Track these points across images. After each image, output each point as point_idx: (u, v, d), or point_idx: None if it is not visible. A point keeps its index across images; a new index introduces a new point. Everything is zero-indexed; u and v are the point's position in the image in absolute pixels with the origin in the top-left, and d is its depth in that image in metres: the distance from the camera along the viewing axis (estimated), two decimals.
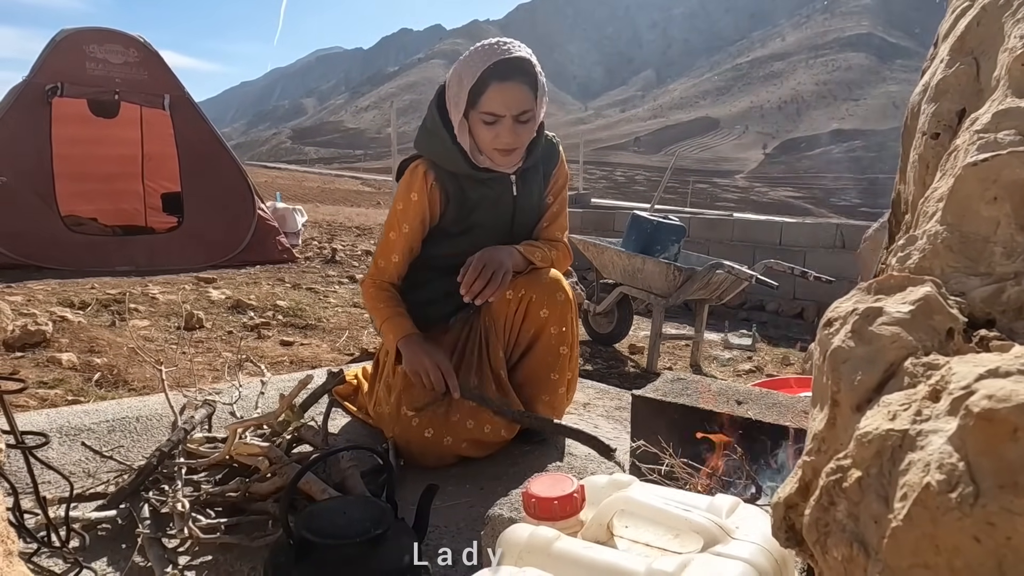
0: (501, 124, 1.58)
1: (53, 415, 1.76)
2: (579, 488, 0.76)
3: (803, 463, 0.42)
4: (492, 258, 1.63)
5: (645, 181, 69.65)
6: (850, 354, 0.39)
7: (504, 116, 1.57)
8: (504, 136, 1.59)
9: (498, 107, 1.57)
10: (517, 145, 1.63)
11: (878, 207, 25.49)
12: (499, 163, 1.66)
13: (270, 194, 7.85)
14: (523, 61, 1.57)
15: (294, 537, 0.96)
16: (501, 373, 1.69)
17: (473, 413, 1.64)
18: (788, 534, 0.44)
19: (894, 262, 0.45)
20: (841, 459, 0.36)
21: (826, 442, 0.39)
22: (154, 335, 3.31)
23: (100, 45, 5.50)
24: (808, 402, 1.46)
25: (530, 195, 1.77)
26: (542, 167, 1.79)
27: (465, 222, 1.73)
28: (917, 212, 0.51)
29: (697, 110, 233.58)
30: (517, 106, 1.57)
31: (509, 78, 1.56)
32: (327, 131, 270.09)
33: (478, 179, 1.69)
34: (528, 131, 1.63)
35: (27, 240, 4.84)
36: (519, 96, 1.57)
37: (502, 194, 1.73)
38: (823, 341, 0.43)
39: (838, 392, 0.39)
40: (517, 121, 1.59)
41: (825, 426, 0.40)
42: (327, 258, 6.31)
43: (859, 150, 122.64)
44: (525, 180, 1.75)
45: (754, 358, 4.16)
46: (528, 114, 1.60)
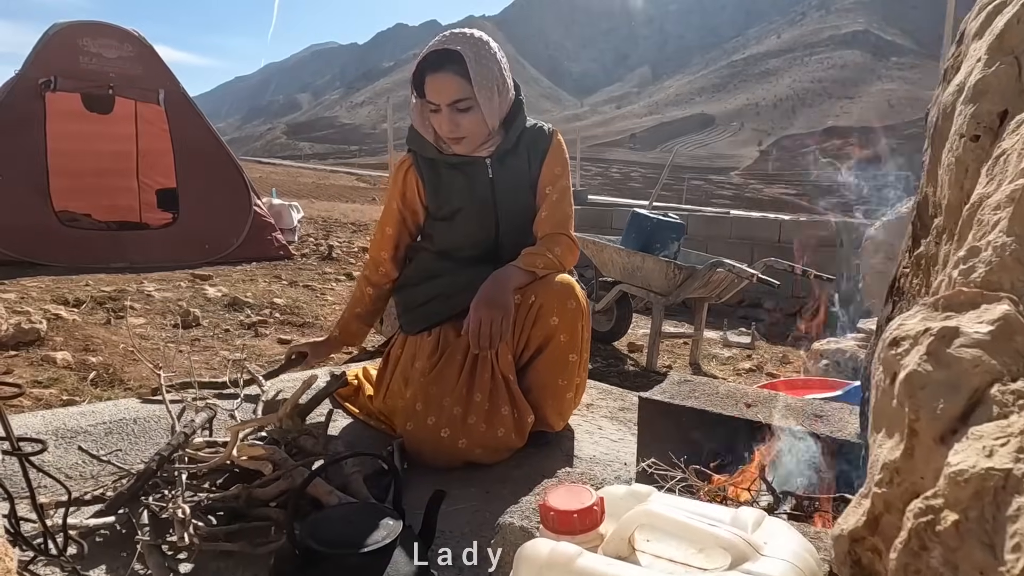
0: (441, 113, 1.66)
1: (49, 417, 1.72)
2: (599, 500, 0.73)
3: (873, 495, 0.39)
4: (488, 309, 1.59)
5: (641, 178, 69.64)
6: (928, 379, 0.36)
7: (440, 106, 1.65)
8: (443, 124, 1.67)
9: (433, 96, 1.65)
10: (460, 133, 1.68)
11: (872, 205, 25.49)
12: (455, 149, 1.73)
13: (265, 190, 7.79)
14: (452, 53, 1.61)
15: (299, 546, 0.94)
16: (510, 377, 1.67)
17: (487, 416, 1.62)
18: (853, 570, 0.41)
19: (956, 275, 0.42)
20: (931, 498, 0.33)
21: (901, 474, 0.37)
22: (150, 333, 3.27)
23: (94, 39, 5.44)
24: (819, 405, 1.44)
25: (511, 178, 1.78)
26: (527, 151, 1.79)
27: (446, 207, 1.78)
28: (961, 219, 0.49)
29: (693, 107, 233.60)
30: (448, 95, 1.63)
31: (439, 68, 1.63)
32: (322, 127, 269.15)
33: (450, 163, 1.76)
34: (471, 119, 1.67)
35: (20, 236, 4.78)
36: (450, 85, 1.63)
37: (476, 177, 1.76)
38: (890, 362, 0.40)
39: (917, 421, 0.36)
40: (455, 110, 1.65)
41: (901, 456, 0.37)
42: (324, 255, 6.26)
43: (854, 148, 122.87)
44: (503, 163, 1.77)
45: (753, 356, 4.15)
46: (466, 102, 1.64)
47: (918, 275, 0.77)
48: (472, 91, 1.63)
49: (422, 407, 1.62)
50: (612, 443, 1.83)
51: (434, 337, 1.75)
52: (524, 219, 1.80)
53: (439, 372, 1.68)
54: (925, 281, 0.71)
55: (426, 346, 1.74)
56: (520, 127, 1.77)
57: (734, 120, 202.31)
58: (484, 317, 1.58)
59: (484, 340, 1.57)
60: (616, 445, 1.81)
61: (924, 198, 0.78)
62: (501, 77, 1.68)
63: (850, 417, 1.36)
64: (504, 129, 1.76)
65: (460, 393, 1.64)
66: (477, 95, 1.63)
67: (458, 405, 1.62)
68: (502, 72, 1.70)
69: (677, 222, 4.04)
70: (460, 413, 1.61)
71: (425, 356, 1.72)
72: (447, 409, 1.61)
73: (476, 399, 1.64)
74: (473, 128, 1.68)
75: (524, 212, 1.80)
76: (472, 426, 1.61)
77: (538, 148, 1.80)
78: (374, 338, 3.32)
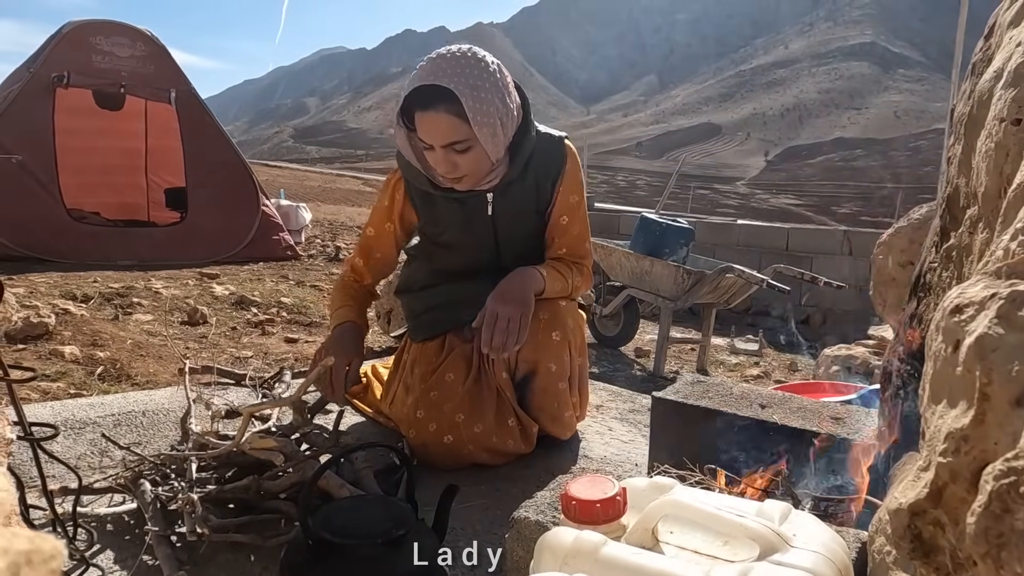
0: (435, 152, 1.45)
1: (58, 408, 1.72)
2: (621, 490, 0.72)
3: (937, 465, 0.38)
4: (505, 302, 1.49)
5: (646, 186, 69.69)
6: (1000, 342, 0.35)
7: (433, 146, 1.44)
8: (439, 165, 1.47)
9: (425, 136, 1.44)
10: (459, 173, 1.48)
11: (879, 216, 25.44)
12: (454, 187, 1.53)
13: (272, 192, 7.81)
14: (441, 89, 1.38)
15: (312, 537, 0.92)
16: (508, 395, 1.63)
17: (495, 428, 1.59)
18: (914, 543, 0.40)
19: (1016, 247, 0.41)
20: (1012, 460, 0.32)
21: (970, 441, 0.36)
22: (157, 330, 3.27)
23: (107, 37, 5.47)
24: (836, 408, 1.42)
25: (514, 209, 1.61)
26: (535, 176, 1.60)
27: (444, 236, 1.65)
28: (1007, 200, 0.47)
29: (699, 116, 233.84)
30: (442, 137, 1.42)
31: (430, 107, 1.40)
32: (329, 130, 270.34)
33: (448, 198, 1.58)
34: (473, 159, 1.46)
35: (30, 231, 4.80)
36: (441, 126, 1.41)
37: (475, 213, 1.60)
38: (952, 329, 0.39)
39: (989, 384, 0.35)
40: (452, 151, 1.44)
41: (970, 424, 0.36)
42: (330, 256, 6.27)
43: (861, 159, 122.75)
44: (507, 195, 1.59)
45: (761, 363, 4.13)
46: (463, 144, 1.43)
47: (948, 268, 0.76)
48: (471, 131, 1.41)
49: (423, 414, 1.58)
50: (623, 444, 1.81)
51: (437, 344, 1.70)
52: (529, 243, 1.69)
53: (439, 377, 1.63)
54: (957, 272, 0.70)
55: (428, 353, 1.69)
56: (528, 151, 1.56)
57: (740, 130, 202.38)
58: (501, 312, 1.47)
59: (499, 337, 1.45)
60: (627, 446, 1.80)
61: (955, 190, 0.77)
62: (504, 106, 1.46)
63: (867, 420, 1.34)
64: (510, 154, 1.55)
65: (463, 400, 1.59)
66: (477, 134, 1.42)
67: (460, 412, 1.57)
68: (505, 99, 1.46)
69: (686, 227, 4.02)
70: (463, 420, 1.57)
71: (426, 362, 1.67)
72: (448, 415, 1.57)
73: (481, 409, 1.59)
74: (473, 166, 1.48)
75: (529, 237, 1.69)
76: (479, 435, 1.57)
77: (549, 173, 1.62)
78: (381, 338, 3.31)
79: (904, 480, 0.44)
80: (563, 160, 1.63)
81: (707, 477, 1.20)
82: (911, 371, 0.93)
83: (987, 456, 0.35)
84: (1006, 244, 0.42)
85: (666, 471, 1.29)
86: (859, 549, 0.82)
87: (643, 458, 1.61)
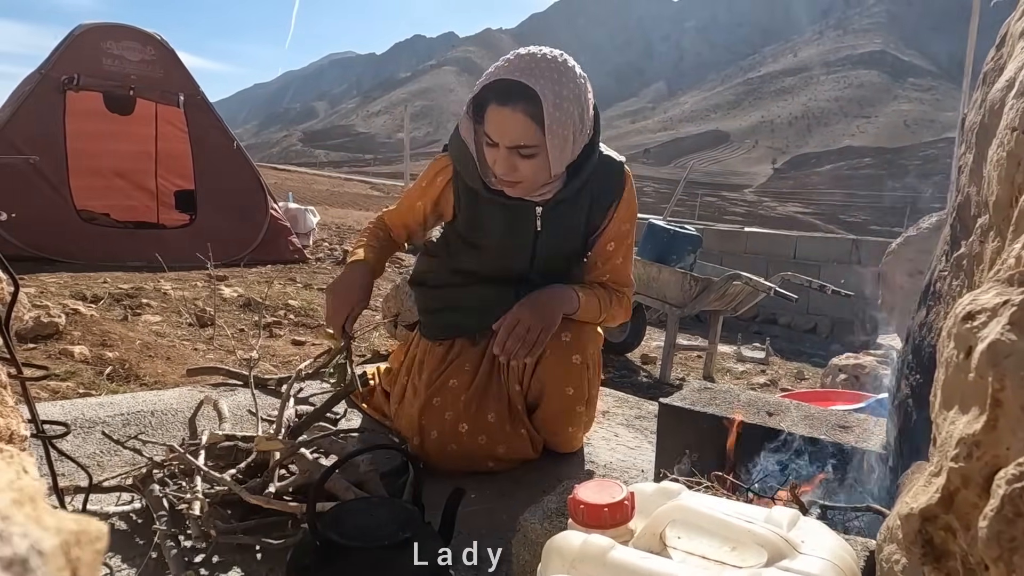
0: (498, 150, 1.41)
1: (68, 407, 1.73)
2: (629, 495, 0.72)
3: (948, 470, 0.38)
4: (532, 313, 1.46)
5: (654, 193, 69.62)
6: (1013, 348, 0.36)
7: (497, 144, 1.40)
8: (499, 165, 1.42)
9: (493, 132, 1.40)
10: (515, 179, 1.43)
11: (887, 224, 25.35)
12: (505, 191, 1.49)
13: (281, 195, 7.85)
14: (525, 88, 1.33)
15: (320, 538, 0.93)
16: (518, 407, 1.62)
17: (504, 438, 1.58)
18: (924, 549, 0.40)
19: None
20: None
21: (981, 447, 0.36)
22: (166, 331, 3.29)
23: (117, 41, 5.52)
24: (843, 416, 1.42)
25: (560, 228, 1.56)
26: (591, 198, 1.55)
27: (474, 236, 1.60)
28: (1019, 209, 0.48)
29: (707, 123, 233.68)
30: (511, 137, 1.38)
31: (507, 103, 1.36)
32: (338, 135, 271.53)
33: (495, 201, 1.52)
34: (534, 167, 1.42)
35: (40, 232, 4.83)
36: (515, 126, 1.37)
37: (520, 224, 1.55)
38: (964, 336, 0.39)
39: (1002, 390, 0.35)
40: (516, 153, 1.40)
41: (982, 429, 0.36)
42: (338, 259, 6.29)
43: (869, 168, 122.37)
44: (557, 214, 1.54)
45: (767, 371, 4.12)
46: (530, 149, 1.39)
47: (958, 276, 0.76)
48: (542, 138, 1.37)
49: (426, 421, 1.57)
50: (629, 450, 1.81)
51: (444, 348, 1.67)
52: (566, 262, 1.64)
53: (443, 382, 1.61)
54: (968, 281, 0.70)
55: (436, 356, 1.66)
56: (587, 176, 1.51)
57: (748, 137, 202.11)
58: (524, 319, 1.44)
59: (512, 342, 1.42)
60: (633, 452, 1.80)
61: (966, 199, 0.77)
62: (580, 122, 1.41)
63: (875, 428, 1.33)
64: (568, 172, 1.51)
65: (466, 409, 1.56)
66: (548, 144, 1.38)
67: (464, 422, 1.55)
68: (583, 114, 1.42)
69: (694, 234, 4.02)
70: (467, 430, 1.55)
71: (432, 366, 1.64)
72: (450, 424, 1.55)
73: (489, 419, 1.57)
74: (532, 175, 1.44)
75: (568, 257, 1.64)
76: (483, 445, 1.56)
77: (603, 199, 1.57)
78: (388, 342, 3.32)
79: (915, 486, 0.44)
80: (621, 186, 1.59)
81: (714, 484, 1.20)
82: (920, 380, 0.93)
83: (999, 461, 0.35)
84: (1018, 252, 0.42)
85: (671, 475, 1.29)
86: (867, 558, 0.82)
87: (649, 464, 1.61)
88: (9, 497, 0.22)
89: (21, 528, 0.21)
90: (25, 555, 0.21)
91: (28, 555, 0.21)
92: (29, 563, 0.21)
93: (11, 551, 0.20)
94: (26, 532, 0.21)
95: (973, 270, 0.70)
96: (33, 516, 0.22)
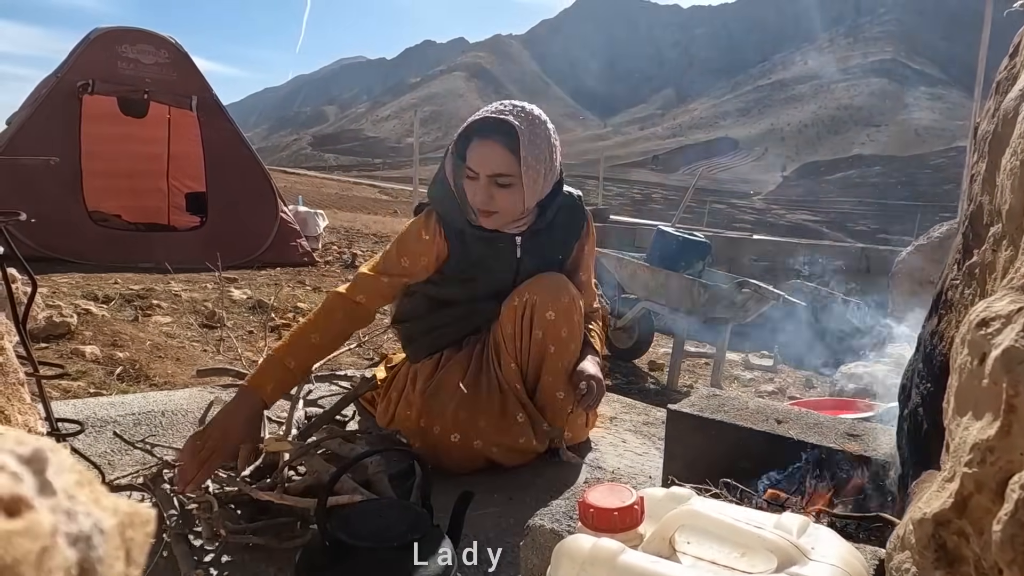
0: (477, 182, 1.56)
1: (79, 406, 1.74)
2: (639, 499, 0.72)
3: (962, 475, 0.38)
4: (598, 376, 1.66)
5: (662, 199, 69.57)
6: None
7: (479, 175, 1.55)
8: (478, 194, 1.57)
9: (474, 163, 1.56)
10: (492, 208, 1.58)
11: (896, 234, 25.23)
12: (482, 222, 1.62)
13: (290, 199, 7.89)
14: (506, 124, 1.53)
15: (329, 539, 0.93)
16: (517, 386, 1.65)
17: (503, 422, 1.61)
18: (938, 554, 0.40)
19: None
20: None
21: (995, 452, 0.36)
22: (176, 332, 3.31)
23: (132, 45, 5.57)
24: (852, 424, 1.41)
25: (540, 254, 1.72)
26: (562, 234, 1.75)
27: (466, 273, 1.72)
28: None
29: (716, 130, 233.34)
30: (490, 166, 1.54)
31: (488, 136, 1.54)
32: (347, 139, 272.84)
33: (479, 236, 1.67)
34: (509, 197, 1.58)
35: (54, 233, 4.88)
36: (495, 156, 1.54)
37: (502, 253, 1.70)
38: (978, 343, 0.40)
39: (1016, 396, 0.35)
40: (494, 183, 1.56)
41: (996, 435, 0.36)
42: (347, 263, 6.32)
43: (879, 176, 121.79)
44: (535, 243, 1.71)
45: (776, 379, 4.10)
46: (507, 179, 1.55)
47: (970, 285, 0.76)
48: (518, 168, 1.54)
49: (425, 422, 1.61)
50: (636, 456, 1.81)
51: (434, 360, 1.74)
52: None
53: (437, 385, 1.66)
54: (980, 290, 0.70)
55: (426, 368, 1.73)
56: (556, 208, 1.71)
57: (758, 145, 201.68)
58: (595, 382, 1.63)
59: (592, 399, 1.61)
60: (640, 459, 1.80)
61: (978, 208, 0.77)
62: (550, 160, 1.60)
63: (884, 437, 1.33)
64: (539, 208, 1.69)
65: (464, 397, 1.61)
66: (523, 175, 1.55)
67: (462, 409, 1.60)
68: (552, 156, 1.61)
69: (703, 241, 4.02)
70: (466, 417, 1.59)
71: (424, 377, 1.71)
72: (450, 414, 1.59)
73: (483, 404, 1.62)
74: (507, 205, 1.59)
75: None
76: (484, 429, 1.60)
77: (572, 229, 1.77)
78: (395, 344, 3.33)
79: (928, 491, 0.44)
80: (585, 218, 1.80)
81: (722, 491, 1.20)
82: (931, 389, 0.93)
83: (1013, 467, 0.35)
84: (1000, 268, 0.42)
85: (677, 481, 1.29)
86: (876, 566, 0.82)
87: (657, 471, 1.61)
88: (73, 478, 0.23)
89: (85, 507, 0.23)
90: (89, 532, 0.22)
91: (91, 533, 0.22)
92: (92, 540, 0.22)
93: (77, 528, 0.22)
94: (89, 511, 0.23)
95: (986, 278, 0.70)
96: (92, 497, 0.23)
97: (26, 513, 0.21)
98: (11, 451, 0.22)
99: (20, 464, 0.22)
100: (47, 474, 0.23)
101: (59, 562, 0.21)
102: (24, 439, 0.23)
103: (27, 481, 0.22)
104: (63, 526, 0.22)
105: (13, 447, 0.23)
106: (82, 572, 0.22)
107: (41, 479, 0.22)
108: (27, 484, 0.22)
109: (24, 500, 0.21)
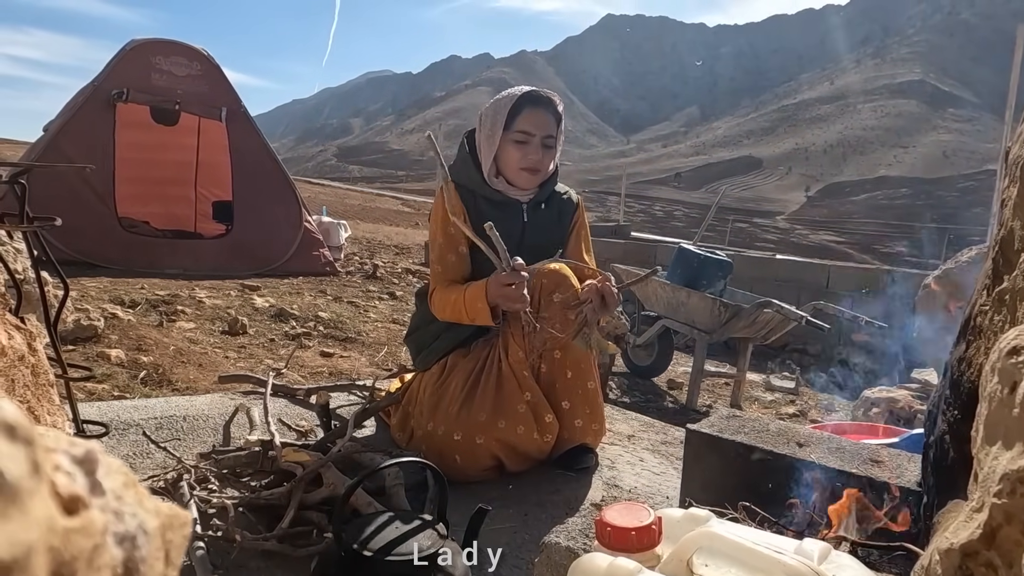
0: (531, 144, 1.79)
1: (104, 408, 1.77)
2: (656, 519, 0.72)
3: (991, 506, 0.38)
4: None
5: (684, 217, 69.25)
6: None
7: (535, 136, 1.79)
8: (532, 154, 1.80)
9: (531, 126, 1.79)
10: (541, 167, 1.82)
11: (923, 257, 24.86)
12: (523, 183, 1.84)
13: (315, 209, 7.99)
14: (547, 97, 1.83)
15: (346, 549, 0.94)
16: (525, 373, 1.69)
17: (501, 411, 1.64)
18: None
19: None
20: None
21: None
22: (199, 338, 3.35)
23: (166, 57, 5.71)
24: (875, 450, 1.39)
25: (542, 225, 1.90)
26: (557, 211, 1.93)
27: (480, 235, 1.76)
28: None
29: (740, 149, 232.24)
30: (545, 129, 1.80)
31: (541, 104, 1.81)
32: (372, 151, 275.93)
33: (492, 200, 1.85)
34: (550, 157, 1.84)
35: (84, 237, 4.98)
36: (548, 120, 1.81)
37: (512, 217, 1.86)
38: (1009, 371, 0.39)
39: None
40: (544, 144, 1.81)
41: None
42: (368, 273, 6.36)
43: (905, 198, 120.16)
44: (536, 213, 1.89)
45: (797, 401, 4.04)
46: (551, 139, 1.82)
47: (1000, 311, 0.75)
48: (557, 132, 1.83)
49: (432, 425, 1.67)
50: (654, 475, 1.79)
51: (439, 366, 1.80)
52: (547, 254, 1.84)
53: (443, 388, 1.73)
54: (1010, 316, 0.69)
55: (432, 376, 1.79)
56: (551, 188, 1.93)
57: (782, 164, 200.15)
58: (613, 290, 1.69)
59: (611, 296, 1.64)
60: (658, 478, 1.78)
61: (1009, 233, 0.76)
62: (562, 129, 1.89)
63: (908, 464, 1.30)
64: (540, 185, 1.90)
65: (462, 397, 1.67)
66: (558, 139, 1.84)
67: (464, 407, 1.66)
68: None
69: (725, 259, 3.99)
70: (467, 414, 1.64)
71: (431, 385, 1.77)
72: (450, 415, 1.65)
73: (479, 396, 1.67)
74: (547, 166, 1.84)
75: (547, 249, 1.84)
76: (484, 423, 1.63)
77: (566, 211, 1.96)
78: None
79: (955, 521, 0.43)
80: (576, 206, 1.99)
81: (741, 514, 1.18)
82: (958, 416, 0.91)
83: None
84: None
85: (694, 503, 1.27)
86: None
87: (674, 491, 1.59)
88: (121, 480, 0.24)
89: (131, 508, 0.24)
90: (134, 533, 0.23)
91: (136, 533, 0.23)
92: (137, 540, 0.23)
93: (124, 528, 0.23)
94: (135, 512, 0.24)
95: (1016, 305, 0.69)
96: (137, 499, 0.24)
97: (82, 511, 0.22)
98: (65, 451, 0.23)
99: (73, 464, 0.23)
100: (97, 475, 0.24)
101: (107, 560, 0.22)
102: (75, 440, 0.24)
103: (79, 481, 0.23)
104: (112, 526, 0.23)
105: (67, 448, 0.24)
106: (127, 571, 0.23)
107: (92, 479, 0.23)
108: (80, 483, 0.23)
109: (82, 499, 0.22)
